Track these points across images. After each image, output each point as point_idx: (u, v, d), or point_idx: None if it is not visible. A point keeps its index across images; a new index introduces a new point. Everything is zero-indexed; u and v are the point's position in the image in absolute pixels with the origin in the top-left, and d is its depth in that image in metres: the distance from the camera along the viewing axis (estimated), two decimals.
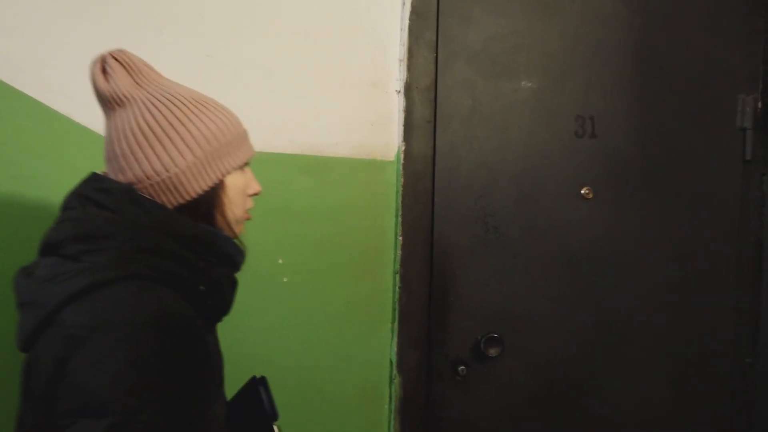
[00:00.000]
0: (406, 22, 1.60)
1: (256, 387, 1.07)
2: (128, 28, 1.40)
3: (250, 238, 1.50)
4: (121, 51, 0.92)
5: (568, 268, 1.74)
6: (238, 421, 1.05)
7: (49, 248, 0.88)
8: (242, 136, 0.99)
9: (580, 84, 1.72)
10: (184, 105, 0.92)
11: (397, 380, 1.63)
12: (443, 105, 1.64)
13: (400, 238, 1.62)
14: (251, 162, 1.03)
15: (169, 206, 0.91)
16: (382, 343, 1.64)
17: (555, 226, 1.72)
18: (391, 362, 1.64)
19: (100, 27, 1.38)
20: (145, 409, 0.75)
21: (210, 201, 0.94)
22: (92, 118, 1.36)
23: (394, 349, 1.63)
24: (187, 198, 0.91)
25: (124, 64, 0.92)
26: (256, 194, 1.05)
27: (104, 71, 0.91)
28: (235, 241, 1.00)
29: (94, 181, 0.92)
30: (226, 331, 1.49)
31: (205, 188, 0.92)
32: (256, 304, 1.53)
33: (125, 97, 0.90)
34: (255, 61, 1.50)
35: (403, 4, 1.60)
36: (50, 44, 1.35)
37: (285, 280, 1.55)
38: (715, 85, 1.82)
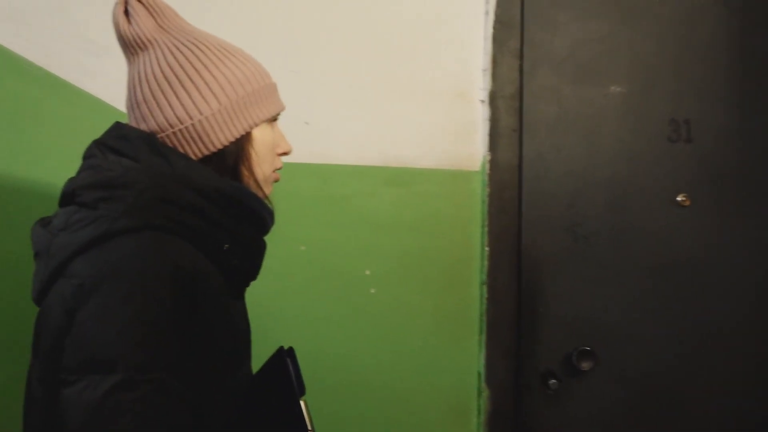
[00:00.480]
0: (490, 31, 1.59)
1: (283, 358, 0.96)
2: None
3: (337, 249, 1.53)
4: None
5: (663, 278, 1.66)
6: (262, 394, 0.97)
7: (66, 197, 0.83)
8: (271, 88, 0.91)
9: (672, 86, 1.66)
10: (210, 50, 0.86)
11: (485, 393, 1.60)
12: (529, 113, 1.62)
13: (487, 249, 1.60)
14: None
15: (194, 158, 0.85)
16: (470, 355, 1.62)
17: (649, 235, 1.65)
18: (479, 374, 1.62)
19: None
20: (155, 367, 0.70)
21: (237, 154, 0.87)
22: None
23: (482, 361, 1.61)
24: (212, 149, 0.85)
25: (147, 6, 0.86)
26: (285, 154, 0.97)
27: (126, 13, 0.86)
28: (264, 201, 0.92)
29: (115, 129, 0.86)
30: (314, 340, 1.53)
31: (231, 139, 0.86)
32: (343, 315, 1.54)
33: (147, 40, 0.85)
34: (340, 76, 1.53)
35: (487, 13, 1.60)
36: None
37: (372, 291, 1.56)
38: None
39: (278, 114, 0.94)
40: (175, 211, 0.79)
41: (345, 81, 1.54)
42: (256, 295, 1.13)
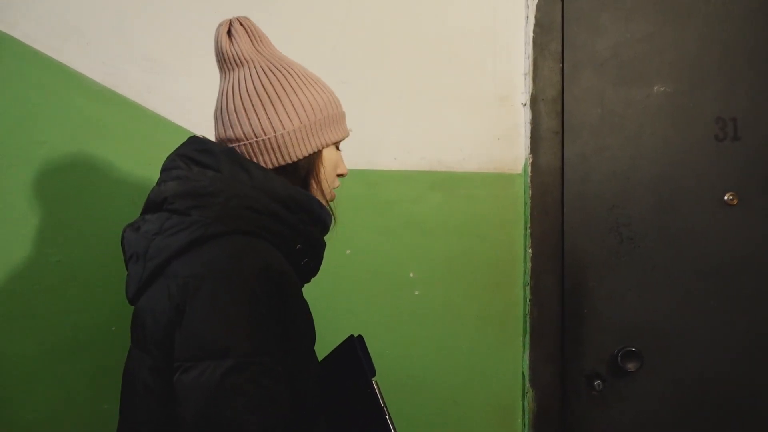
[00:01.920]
0: (531, 35, 1.60)
1: (353, 343, 1.06)
2: None
3: (382, 252, 1.58)
4: (246, 18, 0.99)
5: (711, 278, 1.64)
6: (334, 378, 1.06)
7: (154, 205, 0.93)
8: (341, 116, 1.03)
9: (719, 85, 1.63)
10: (297, 75, 0.97)
11: (530, 394, 1.62)
12: (571, 115, 1.62)
13: (530, 251, 1.62)
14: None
15: (269, 167, 0.95)
16: (515, 357, 1.64)
17: (696, 235, 1.64)
18: (523, 375, 1.64)
19: None
20: (260, 353, 0.80)
21: (308, 167, 0.98)
22: None
23: (527, 362, 1.62)
24: (288, 160, 0.95)
25: (248, 29, 0.98)
26: (343, 175, 1.08)
27: (229, 34, 0.97)
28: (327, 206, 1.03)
29: (195, 143, 0.96)
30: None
31: (306, 154, 0.96)
32: (388, 318, 1.58)
33: (245, 59, 0.96)
34: (387, 85, 1.57)
35: (527, 17, 1.61)
36: (202, 82, 1.49)
37: (416, 293, 1.60)
38: None
39: (344, 139, 1.05)
40: (257, 216, 0.89)
41: (390, 89, 1.57)
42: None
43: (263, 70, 0.96)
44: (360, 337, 1.08)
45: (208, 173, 0.91)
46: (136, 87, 1.47)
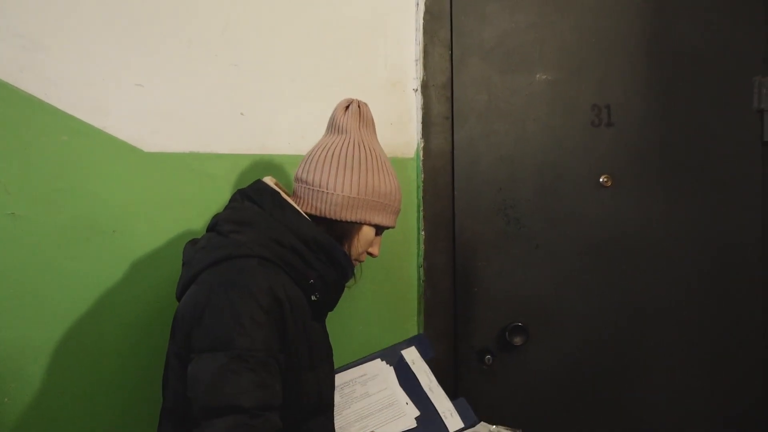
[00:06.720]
0: (421, 22, 1.64)
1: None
2: (159, 44, 1.46)
3: None
4: (365, 103, 1.23)
5: (591, 256, 1.76)
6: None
7: (212, 226, 1.17)
8: (395, 210, 1.23)
9: (595, 74, 1.75)
10: (380, 161, 1.19)
11: None
12: (460, 101, 1.68)
13: (423, 233, 1.67)
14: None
15: (316, 212, 1.16)
16: (410, 335, 1.68)
17: (576, 215, 1.75)
18: None
19: (132, 44, 1.44)
20: (257, 348, 0.99)
21: (344, 231, 1.18)
22: (125, 131, 1.44)
23: None
24: (331, 216, 1.16)
25: (362, 112, 1.22)
26: (372, 255, 1.27)
27: (346, 108, 1.21)
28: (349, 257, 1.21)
29: (255, 183, 1.21)
30: None
31: (347, 220, 1.16)
32: None
33: (347, 129, 1.20)
34: (278, 69, 1.55)
35: (417, 4, 1.64)
36: (84, 62, 1.42)
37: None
38: (731, 67, 1.83)
39: (386, 228, 1.24)
40: (280, 248, 1.09)
41: (282, 73, 1.56)
42: None
43: (356, 142, 1.18)
44: None
45: (254, 208, 1.14)
46: (7, 66, 1.37)
